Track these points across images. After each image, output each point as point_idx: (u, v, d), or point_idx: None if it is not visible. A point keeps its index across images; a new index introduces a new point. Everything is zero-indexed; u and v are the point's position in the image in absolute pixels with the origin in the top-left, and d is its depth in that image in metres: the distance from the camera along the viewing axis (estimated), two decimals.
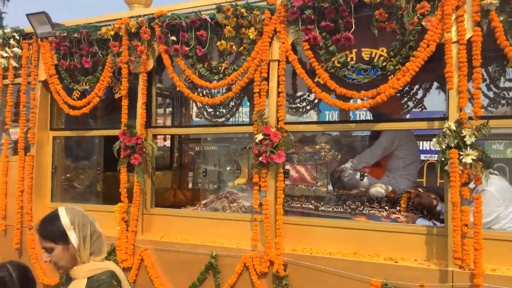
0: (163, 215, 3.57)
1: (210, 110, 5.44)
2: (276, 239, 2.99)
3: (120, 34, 3.50)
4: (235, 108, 5.37)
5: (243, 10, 3.01)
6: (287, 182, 3.49)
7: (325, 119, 7.96)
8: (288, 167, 3.48)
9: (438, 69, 2.69)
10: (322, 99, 2.91)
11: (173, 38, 3.29)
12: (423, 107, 4.37)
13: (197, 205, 3.91)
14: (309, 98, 4.97)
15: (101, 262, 1.88)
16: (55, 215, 1.85)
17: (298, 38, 2.94)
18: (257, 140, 2.99)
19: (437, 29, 2.54)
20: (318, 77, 2.89)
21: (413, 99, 4.39)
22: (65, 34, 3.70)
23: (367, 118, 6.33)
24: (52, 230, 1.81)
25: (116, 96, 3.79)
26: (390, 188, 3.44)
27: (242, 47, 3.12)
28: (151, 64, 3.48)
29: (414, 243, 2.74)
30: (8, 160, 4.21)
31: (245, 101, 5.41)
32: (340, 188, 3.63)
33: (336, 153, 3.50)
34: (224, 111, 5.43)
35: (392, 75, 2.71)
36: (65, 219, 1.82)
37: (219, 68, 3.26)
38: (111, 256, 3.51)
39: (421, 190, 3.35)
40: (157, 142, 4.29)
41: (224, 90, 4.13)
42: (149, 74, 3.54)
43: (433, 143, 2.53)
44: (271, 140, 2.95)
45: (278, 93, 3.02)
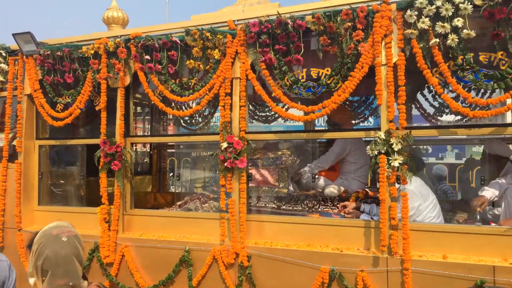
0: (142, 216, 3.96)
1: (186, 118, 5.84)
2: (240, 234, 3.43)
3: (100, 52, 3.88)
4: (209, 116, 5.78)
5: (208, 34, 3.43)
6: (253, 184, 3.93)
7: (292, 127, 8.44)
8: (253, 171, 3.92)
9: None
10: (277, 112, 3.36)
11: (147, 57, 3.69)
12: (377, 115, 4.86)
13: (173, 206, 4.32)
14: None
15: None
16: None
17: (256, 58, 3.37)
18: (222, 148, 3.42)
19: (369, 53, 3.01)
20: (273, 93, 3.33)
21: (369, 108, 4.87)
22: (49, 52, 4.06)
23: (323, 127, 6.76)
24: None
25: (97, 108, 4.16)
26: (342, 189, 3.91)
27: (208, 66, 3.54)
28: (128, 80, 3.87)
29: (357, 235, 3.20)
30: None
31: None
32: (299, 189, 4.08)
33: (295, 158, 3.96)
34: (200, 119, 5.85)
35: (335, 91, 3.16)
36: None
37: (189, 84, 3.66)
38: (95, 252, 3.90)
39: (367, 190, 3.82)
40: (136, 148, 4.66)
41: (194, 104, 4.54)
42: (126, 88, 3.93)
43: (367, 149, 2.99)
44: (234, 148, 3.38)
45: (240, 107, 3.45)
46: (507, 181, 3.48)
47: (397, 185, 2.94)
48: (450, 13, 2.79)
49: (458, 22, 2.77)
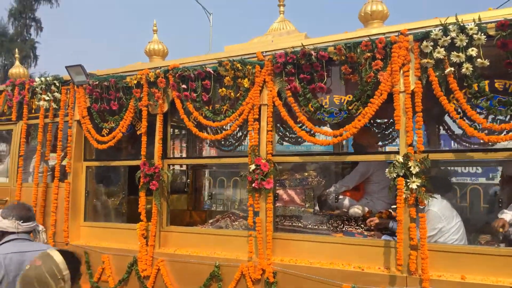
0: (177, 232, 4.25)
1: (221, 140, 6.17)
2: (267, 251, 3.63)
3: (141, 82, 4.27)
4: (242, 138, 6.08)
5: (238, 65, 3.74)
6: (281, 204, 4.15)
7: (321, 148, 8.60)
8: (281, 191, 4.14)
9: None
10: (301, 136, 3.59)
11: (184, 86, 4.04)
12: None
13: (206, 224, 4.59)
14: (306, 129, 5.63)
15: None
16: None
17: (282, 86, 3.64)
18: (250, 170, 3.67)
19: (388, 81, 3.20)
20: (298, 119, 3.57)
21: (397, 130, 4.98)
22: (97, 82, 4.51)
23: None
24: None
25: (138, 132, 4.54)
26: (366, 209, 4.05)
27: (238, 94, 3.84)
28: (166, 107, 4.24)
29: (378, 254, 3.32)
30: (47, 186, 5.01)
31: None
32: (325, 209, 4.25)
33: (321, 179, 4.16)
34: (233, 141, 6.16)
35: (356, 117, 3.36)
36: None
37: (221, 110, 3.97)
38: (134, 266, 4.21)
39: (391, 211, 3.93)
40: (174, 168, 4.99)
41: (228, 127, 4.84)
42: (164, 114, 4.29)
43: (386, 172, 3.15)
44: (261, 170, 3.62)
45: (267, 131, 3.70)
46: None
47: (421, 207, 3.06)
48: (464, 43, 2.95)
49: (473, 52, 2.92)
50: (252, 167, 3.66)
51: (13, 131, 5.40)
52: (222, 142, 6.22)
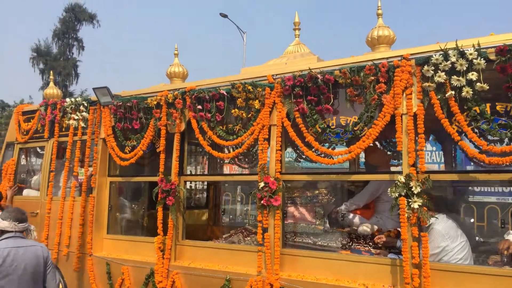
0: (191, 246, 4.43)
1: (240, 157, 6.36)
2: (275, 267, 3.75)
3: (161, 103, 4.54)
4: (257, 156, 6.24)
5: (250, 87, 3.94)
6: (291, 221, 4.26)
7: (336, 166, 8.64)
8: (292, 208, 4.25)
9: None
10: (308, 156, 3.73)
11: (199, 107, 4.27)
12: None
13: (220, 238, 4.76)
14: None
15: None
16: None
17: (291, 108, 3.80)
18: (259, 187, 3.83)
19: (391, 104, 3.30)
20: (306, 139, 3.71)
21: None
22: (121, 103, 4.82)
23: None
24: None
25: (157, 150, 4.79)
26: (375, 227, 4.10)
27: (250, 114, 4.03)
28: (183, 126, 4.48)
29: (383, 272, 3.38)
30: (74, 199, 5.32)
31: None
32: (336, 226, 4.33)
33: (331, 197, 4.25)
34: (253, 158, 6.34)
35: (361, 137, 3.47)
36: None
37: (234, 129, 4.17)
38: (151, 278, 4.41)
39: (399, 230, 3.96)
40: (196, 184, 5.19)
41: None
42: (182, 133, 4.53)
43: (388, 192, 3.24)
44: (270, 188, 3.77)
45: (276, 150, 3.86)
46: None
47: (423, 225, 3.13)
48: (464, 68, 3.03)
49: (473, 76, 3.00)
50: (261, 184, 3.82)
51: (45, 147, 5.79)
52: (241, 160, 6.42)
